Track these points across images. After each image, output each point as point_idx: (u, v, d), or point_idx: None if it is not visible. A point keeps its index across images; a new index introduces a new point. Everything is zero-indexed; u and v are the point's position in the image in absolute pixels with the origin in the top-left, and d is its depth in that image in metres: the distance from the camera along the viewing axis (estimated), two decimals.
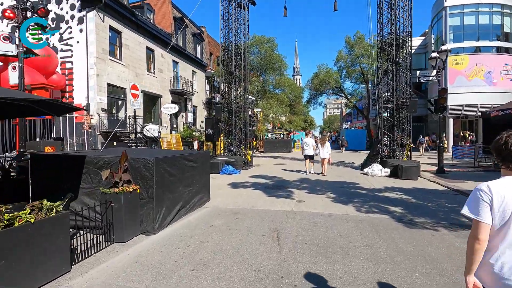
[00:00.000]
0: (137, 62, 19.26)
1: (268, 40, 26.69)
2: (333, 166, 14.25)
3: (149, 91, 20.42)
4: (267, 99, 28.41)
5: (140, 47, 19.58)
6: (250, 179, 10.34)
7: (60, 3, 16.25)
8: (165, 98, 22.43)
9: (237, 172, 11.75)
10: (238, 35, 13.90)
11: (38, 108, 4.30)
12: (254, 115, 24.42)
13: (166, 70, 22.82)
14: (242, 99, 14.17)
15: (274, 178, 10.41)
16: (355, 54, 27.64)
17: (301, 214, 5.62)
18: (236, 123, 13.88)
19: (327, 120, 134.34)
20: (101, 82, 16.08)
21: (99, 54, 15.93)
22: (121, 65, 17.70)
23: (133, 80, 18.72)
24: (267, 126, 40.01)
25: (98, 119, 15.91)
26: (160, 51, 21.93)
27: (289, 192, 7.81)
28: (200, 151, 6.73)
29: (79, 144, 16.29)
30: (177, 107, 18.29)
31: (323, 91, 32.43)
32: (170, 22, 23.19)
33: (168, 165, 4.94)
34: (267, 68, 27.28)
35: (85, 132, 16.11)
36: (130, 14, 18.08)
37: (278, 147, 26.56)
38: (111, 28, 16.94)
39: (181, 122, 24.91)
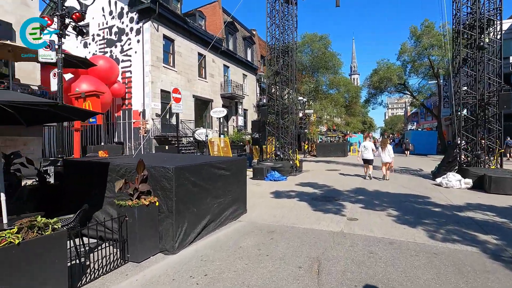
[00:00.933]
0: (189, 68, 19.83)
1: (320, 38, 25.22)
2: (396, 174, 12.34)
3: (200, 95, 20.88)
4: (320, 100, 26.84)
5: (192, 53, 20.15)
6: (296, 187, 9.35)
7: (122, 18, 17.57)
8: (216, 102, 22.73)
9: (283, 178, 10.85)
10: (286, 32, 13.05)
11: (61, 112, 4.11)
12: (306, 117, 23.18)
13: (217, 75, 23.15)
14: (290, 100, 13.24)
15: (323, 187, 9.23)
16: (422, 45, 24.30)
17: (353, 238, 4.50)
18: (284, 125, 12.99)
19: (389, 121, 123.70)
20: (155, 88, 16.84)
21: (154, 62, 16.72)
22: (174, 71, 18.37)
23: (185, 85, 19.31)
24: (321, 128, 38.10)
25: (152, 124, 16.67)
26: (211, 56, 22.33)
27: (340, 206, 6.62)
28: (233, 157, 6.01)
29: (136, 147, 17.28)
30: (225, 111, 18.21)
31: (384, 89, 29.37)
32: (221, 27, 23.49)
33: (192, 174, 4.34)
34: (319, 67, 25.79)
35: (141, 137, 17.03)
36: (183, 22, 18.69)
37: (332, 151, 24.76)
38: (164, 37, 17.70)
39: (231, 125, 25.01)
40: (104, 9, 18.24)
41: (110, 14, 18.03)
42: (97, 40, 18.61)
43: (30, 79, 10.76)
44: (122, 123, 17.67)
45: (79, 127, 9.41)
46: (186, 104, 19.41)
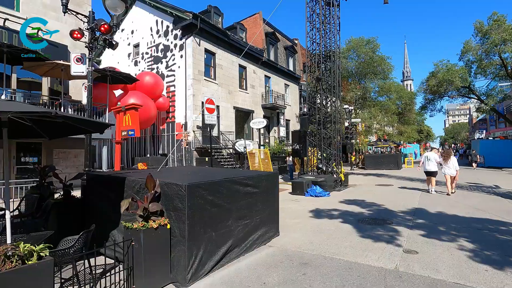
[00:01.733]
0: (230, 80, 19.92)
1: (367, 41, 23.58)
2: (463, 191, 10.39)
3: (241, 107, 20.78)
4: (368, 107, 24.90)
5: (232, 65, 20.26)
6: (340, 205, 8.26)
7: (167, 35, 18.45)
8: (257, 113, 22.44)
9: (325, 194, 9.80)
10: (327, 36, 12.18)
11: (76, 125, 3.90)
12: (352, 126, 21.56)
13: (258, 86, 22.95)
14: (333, 108, 12.20)
15: (372, 206, 7.99)
16: (491, 41, 21.12)
17: (412, 281, 3.44)
18: (326, 136, 11.96)
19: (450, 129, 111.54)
20: (197, 101, 17.11)
21: (195, 75, 17.08)
22: (215, 84, 18.57)
23: (226, 97, 19.38)
24: (370, 138, 35.43)
25: (193, 136, 16.88)
26: (252, 68, 22.27)
27: (393, 232, 5.46)
28: (262, 172, 5.32)
29: (179, 159, 17.63)
30: (265, 122, 17.71)
31: (444, 94, 26.15)
32: (262, 38, 23.43)
33: (210, 192, 3.77)
34: (367, 73, 24.01)
35: (183, 149, 17.33)
36: (223, 36, 18.95)
37: (383, 163, 22.55)
38: (206, 50, 18.07)
39: (273, 136, 24.43)
40: (152, 28, 19.39)
41: (157, 33, 19.08)
42: (146, 58, 19.79)
43: (81, 95, 11.59)
44: (166, 136, 18.26)
45: (120, 140, 9.65)
46: (227, 115, 19.43)
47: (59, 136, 4.35)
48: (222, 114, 19.02)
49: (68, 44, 11.14)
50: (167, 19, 18.33)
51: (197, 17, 16.57)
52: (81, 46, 11.94)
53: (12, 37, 9.47)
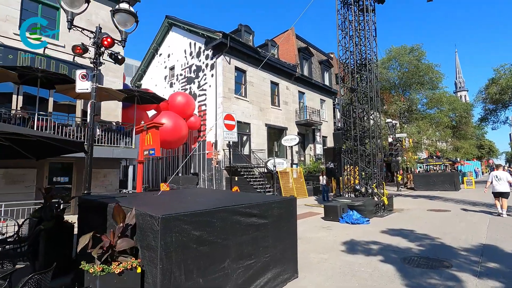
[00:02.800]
0: (261, 97, 19.47)
1: (411, 49, 21.63)
2: None
3: (273, 124, 20.08)
4: (415, 121, 22.47)
5: (264, 82, 19.87)
6: (381, 236, 6.85)
7: (199, 56, 18.81)
8: (291, 130, 21.51)
9: (363, 221, 8.37)
10: (362, 43, 11.10)
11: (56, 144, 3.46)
12: (397, 142, 19.44)
13: (291, 102, 22.17)
14: (372, 121, 10.85)
15: (423, 239, 6.46)
16: None
17: None
18: (365, 153, 10.58)
19: None
20: None
21: (225, 93, 16.92)
22: (246, 101, 18.22)
23: (257, 114, 18.88)
24: (420, 155, 31.99)
25: (223, 154, 16.47)
26: (284, 84, 21.66)
27: (455, 281, 4.06)
28: (273, 197, 4.33)
29: (209, 179, 17.27)
30: (298, 139, 16.70)
31: (508, 102, 22.65)
32: (294, 53, 22.89)
33: (196, 225, 2.97)
34: (412, 83, 21.86)
35: (213, 168, 16.97)
36: (254, 53, 18.76)
37: (436, 183, 19.77)
38: (236, 68, 17.96)
39: (308, 154, 23.13)
40: (186, 51, 20.01)
41: (190, 54, 19.60)
42: (180, 79, 20.36)
43: (113, 116, 11.91)
44: (197, 155, 18.16)
45: (142, 160, 9.47)
46: (259, 133, 18.83)
47: (46, 156, 4.02)
48: (254, 131, 18.48)
49: (102, 68, 11.63)
50: (199, 40, 18.77)
51: (226, 36, 16.63)
52: (115, 70, 12.43)
53: (50, 63, 10.06)
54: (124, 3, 5.40)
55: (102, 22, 11.98)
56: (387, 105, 24.01)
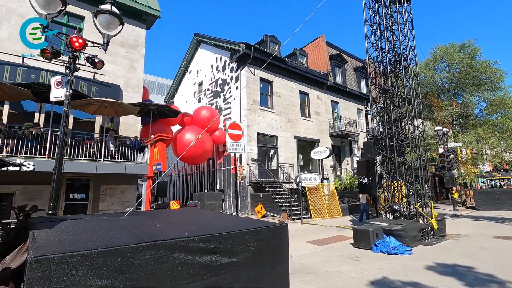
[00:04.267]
0: (290, 108, 18.38)
1: (461, 47, 18.92)
2: None
3: (304, 136, 18.75)
4: (472, 128, 19.29)
5: (292, 92, 18.81)
6: (426, 274, 5.18)
7: (225, 70, 18.54)
8: (324, 142, 19.92)
9: (403, 251, 6.64)
10: (395, 37, 9.59)
11: None
12: (450, 153, 16.67)
13: (323, 112, 20.68)
14: (413, 128, 9.10)
15: (488, 283, 4.67)
16: None
17: None
18: (404, 165, 8.83)
19: None
20: (251, 132, 15.99)
21: (250, 105, 16.19)
22: (272, 113, 17.29)
23: (285, 126, 17.79)
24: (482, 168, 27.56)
25: (248, 169, 15.54)
26: (315, 93, 20.35)
27: None
28: (245, 224, 3.13)
29: (234, 195, 16.38)
30: (328, 151, 15.13)
31: None
32: (325, 61, 21.57)
33: (98, 271, 1.99)
34: (465, 85, 18.96)
35: (238, 184, 16.08)
36: (280, 62, 17.93)
37: (504, 202, 16.39)
38: (262, 79, 17.24)
39: (344, 168, 21.12)
40: (213, 65, 19.95)
41: (217, 69, 19.46)
42: (207, 94, 20.27)
43: (132, 132, 11.80)
44: (223, 170, 17.50)
45: (152, 176, 8.94)
46: (287, 146, 17.64)
47: None
48: (281, 144, 17.34)
49: (121, 83, 11.71)
50: (224, 54, 18.56)
51: (250, 47, 16.10)
52: (134, 86, 12.46)
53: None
54: (107, 4, 4.92)
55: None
56: (436, 111, 21.16)
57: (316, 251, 7.12)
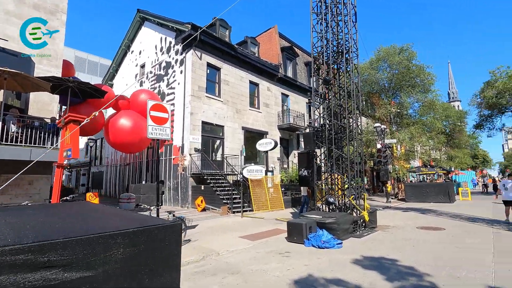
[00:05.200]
0: (238, 97, 17.72)
1: (401, 49, 20.17)
2: None
3: (251, 127, 18.28)
4: (406, 126, 20.84)
5: (242, 81, 18.15)
6: (351, 270, 4.98)
7: (169, 52, 17.09)
8: (272, 134, 19.72)
9: (334, 245, 6.49)
10: (339, 28, 9.45)
11: None
12: (386, 149, 17.73)
13: (273, 104, 20.45)
14: (351, 121, 9.10)
15: (408, 276, 4.61)
16: None
17: None
18: (342, 158, 8.79)
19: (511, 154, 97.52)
20: (195, 120, 14.99)
21: (195, 92, 15.12)
22: (219, 101, 16.44)
23: (233, 116, 17.09)
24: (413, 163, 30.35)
25: (190, 160, 14.56)
26: (266, 84, 19.98)
27: None
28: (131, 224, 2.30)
29: (174, 187, 15.30)
30: (273, 143, 14.88)
31: (505, 108, 21.22)
32: (277, 53, 21.30)
33: None
34: (402, 86, 20.32)
35: (179, 175, 15.03)
36: (230, 49, 17.08)
37: (429, 194, 18.03)
38: (209, 65, 16.23)
39: (291, 161, 21.30)
40: (157, 46, 18.29)
41: (161, 50, 17.88)
42: (150, 77, 18.58)
43: (46, 112, 10.01)
44: (164, 160, 16.23)
45: (62, 163, 7.52)
46: (234, 137, 17.00)
47: None
48: (228, 135, 16.64)
49: (36, 54, 9.78)
50: (170, 35, 17.08)
51: (196, 28, 14.94)
52: (51, 58, 10.54)
53: None
54: None
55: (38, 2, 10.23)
56: (377, 109, 22.42)
57: (247, 247, 6.63)
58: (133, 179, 18.42)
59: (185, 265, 5.29)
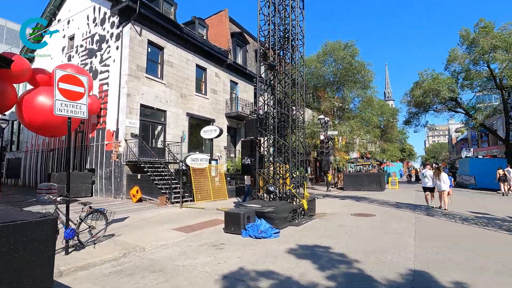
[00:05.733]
0: (183, 81, 16.60)
1: (346, 45, 21.08)
2: (472, 227, 7.22)
3: (197, 114, 17.38)
4: (347, 120, 22.07)
5: (188, 64, 17.03)
6: (285, 260, 4.81)
7: (104, 23, 15.10)
8: (219, 122, 19.07)
9: (271, 234, 6.32)
10: (286, 13, 9.18)
11: None
12: (328, 140, 18.51)
13: (221, 91, 19.74)
14: (295, 110, 8.99)
15: (339, 264, 4.59)
16: (480, 49, 19.05)
17: None
18: (284, 147, 8.66)
19: (431, 149, 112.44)
20: (132, 103, 13.59)
21: (132, 71, 13.64)
22: (162, 84, 15.16)
23: (176, 101, 15.98)
24: (352, 155, 32.67)
25: (125, 146, 13.20)
26: (214, 70, 19.12)
27: None
28: None
29: (107, 176, 13.79)
30: (218, 130, 14.32)
31: (429, 107, 23.85)
32: (227, 37, 20.52)
33: None
34: (346, 81, 21.36)
35: (112, 162, 13.57)
36: (175, 28, 15.78)
37: (364, 183, 19.46)
38: (150, 43, 14.78)
39: (239, 150, 21.01)
40: (89, 16, 16.03)
41: (94, 21, 15.72)
42: (80, 51, 16.28)
43: None
44: (95, 146, 14.48)
45: None
46: (177, 123, 15.94)
47: None
48: (171, 121, 15.53)
49: None
50: (105, 4, 15.03)
51: (135, 0, 13.38)
52: None
53: None
54: None
55: None
56: (322, 102, 23.27)
57: (179, 240, 6.08)
58: (58, 167, 16.17)
59: (99, 264, 4.54)
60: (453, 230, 7.12)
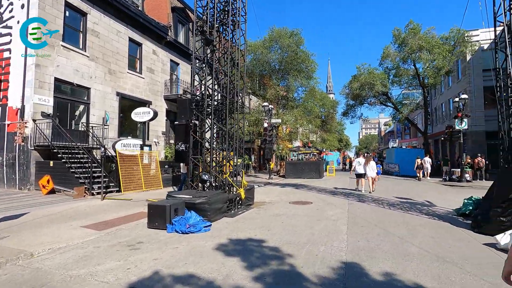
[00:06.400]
0: (113, 56, 14.52)
1: (291, 34, 21.01)
2: (405, 215, 7.60)
3: (130, 94, 15.50)
4: (291, 109, 22.30)
5: (119, 37, 14.92)
6: (211, 259, 4.21)
7: None
8: (157, 105, 17.41)
9: (200, 228, 5.64)
10: None
11: None
12: (272, 128, 18.39)
13: (159, 71, 17.97)
14: (232, 90, 8.31)
15: (270, 259, 4.17)
16: (409, 48, 20.78)
17: None
18: (222, 132, 7.96)
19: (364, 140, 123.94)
20: (44, 76, 11.31)
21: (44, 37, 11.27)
22: (84, 56, 12.98)
23: (103, 78, 13.93)
24: (295, 144, 33.62)
25: (34, 127, 10.98)
26: (151, 47, 17.23)
27: None
28: None
29: (9, 163, 11.41)
30: (152, 113, 12.92)
31: (364, 100, 25.55)
32: (167, 12, 18.64)
33: None
34: (290, 70, 21.40)
35: (16, 147, 11.23)
36: None
37: (304, 171, 20.01)
38: (68, 5, 12.41)
39: None
40: None
41: None
42: None
43: None
44: None
45: None
46: (105, 103, 13.96)
47: None
48: (96, 100, 13.50)
49: None
50: None
51: None
52: None
53: None
54: None
55: None
56: (267, 90, 23.06)
57: (86, 241, 5.00)
58: None
59: None
60: (381, 215, 7.39)
